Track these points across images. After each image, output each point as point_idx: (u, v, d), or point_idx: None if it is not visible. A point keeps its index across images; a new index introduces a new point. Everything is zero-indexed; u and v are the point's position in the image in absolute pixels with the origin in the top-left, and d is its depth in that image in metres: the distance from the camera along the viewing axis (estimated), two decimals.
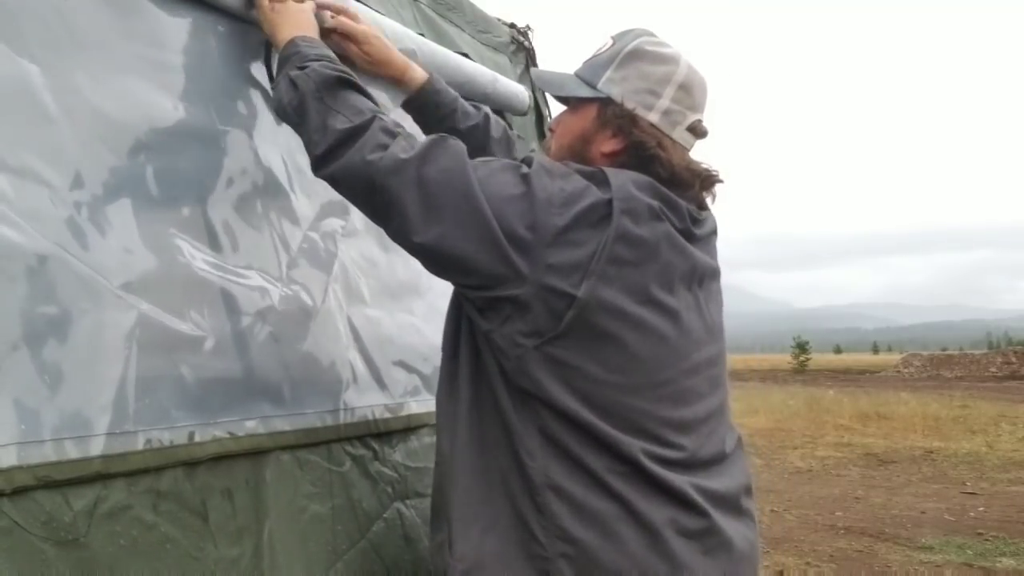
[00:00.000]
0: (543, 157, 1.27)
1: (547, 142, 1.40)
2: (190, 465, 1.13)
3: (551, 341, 1.17)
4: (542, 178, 1.18)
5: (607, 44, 1.34)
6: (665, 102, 1.28)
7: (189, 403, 1.16)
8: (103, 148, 1.11)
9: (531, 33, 2.38)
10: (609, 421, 1.18)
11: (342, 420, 1.45)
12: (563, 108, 1.39)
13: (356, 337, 1.53)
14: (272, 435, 1.28)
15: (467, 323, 1.28)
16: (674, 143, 1.29)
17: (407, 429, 1.62)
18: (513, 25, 2.36)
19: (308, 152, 1.26)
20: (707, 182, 1.31)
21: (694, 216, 1.29)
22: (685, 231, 1.25)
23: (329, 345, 1.45)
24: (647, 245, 1.19)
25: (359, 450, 1.47)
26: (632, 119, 1.27)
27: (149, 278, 1.13)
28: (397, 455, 1.57)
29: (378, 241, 1.62)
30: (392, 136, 1.21)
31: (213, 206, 1.26)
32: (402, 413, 1.61)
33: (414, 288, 1.73)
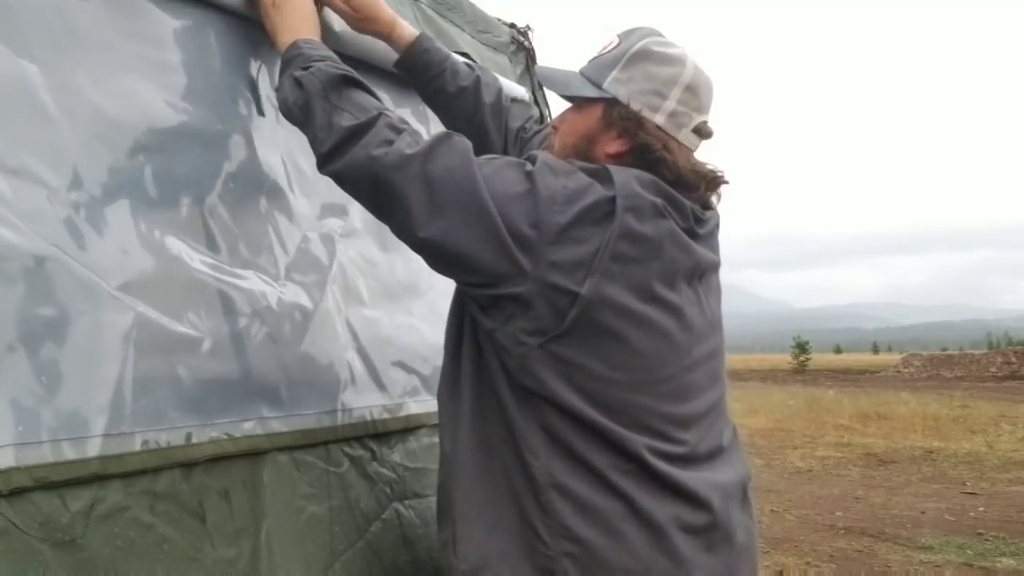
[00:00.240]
0: (547, 155, 1.26)
1: (550, 139, 1.39)
2: (187, 466, 1.13)
3: (555, 339, 1.17)
4: (546, 176, 1.18)
5: (613, 43, 1.32)
6: (671, 104, 1.27)
7: (186, 404, 1.15)
8: (101, 148, 1.11)
9: (531, 33, 2.38)
10: (613, 418, 1.18)
11: (340, 421, 1.44)
12: (566, 106, 1.38)
13: (354, 337, 1.52)
14: (269, 436, 1.28)
15: (469, 322, 1.28)
16: (680, 145, 1.28)
17: (406, 430, 1.61)
18: (513, 25, 2.35)
19: (314, 150, 1.25)
20: (712, 183, 1.31)
21: (698, 215, 1.28)
22: (688, 229, 1.25)
23: (327, 346, 1.45)
24: (650, 242, 1.19)
25: (357, 451, 1.47)
26: (638, 121, 1.26)
27: (147, 279, 1.13)
28: (395, 456, 1.57)
29: (377, 241, 1.62)
30: (397, 132, 1.21)
31: (211, 207, 1.26)
32: (401, 414, 1.61)
33: (413, 288, 1.72)
